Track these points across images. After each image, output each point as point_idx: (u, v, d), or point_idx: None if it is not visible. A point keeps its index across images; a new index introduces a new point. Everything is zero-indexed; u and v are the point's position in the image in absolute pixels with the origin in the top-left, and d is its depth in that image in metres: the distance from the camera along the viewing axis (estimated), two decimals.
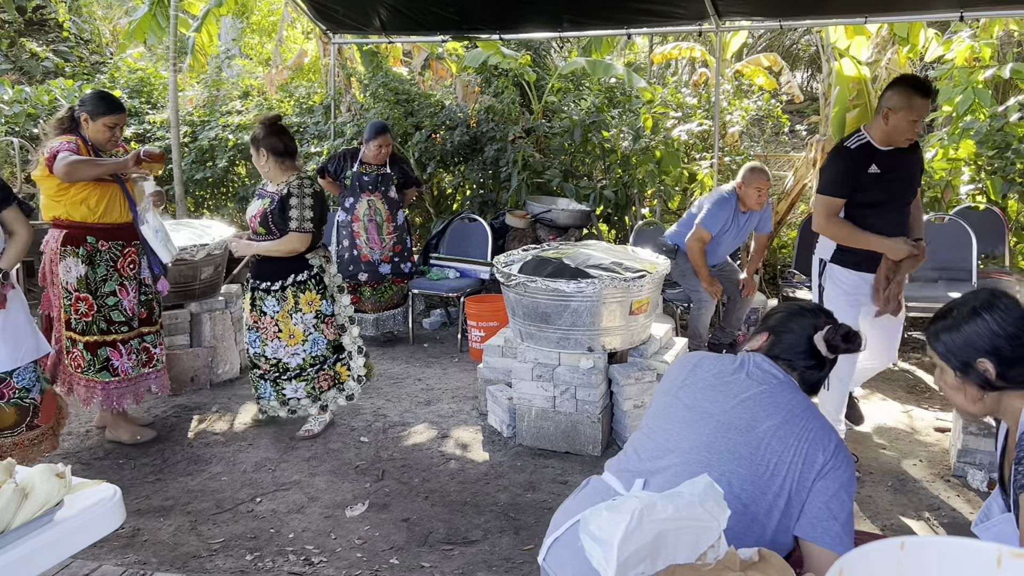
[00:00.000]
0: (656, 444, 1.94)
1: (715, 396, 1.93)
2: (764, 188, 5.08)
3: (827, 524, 1.76)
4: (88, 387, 4.08)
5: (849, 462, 1.83)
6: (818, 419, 1.87)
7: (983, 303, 1.89)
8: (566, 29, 6.59)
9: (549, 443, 4.14)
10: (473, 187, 7.65)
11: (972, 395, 1.91)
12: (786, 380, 1.93)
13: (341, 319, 4.31)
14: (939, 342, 1.93)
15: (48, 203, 3.94)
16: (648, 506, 1.49)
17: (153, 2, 7.47)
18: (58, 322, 4.04)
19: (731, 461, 1.81)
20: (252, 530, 3.37)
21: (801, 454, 1.79)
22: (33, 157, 4.04)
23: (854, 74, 6.99)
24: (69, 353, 4.06)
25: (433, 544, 3.25)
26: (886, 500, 3.59)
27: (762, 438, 1.82)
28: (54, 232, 3.98)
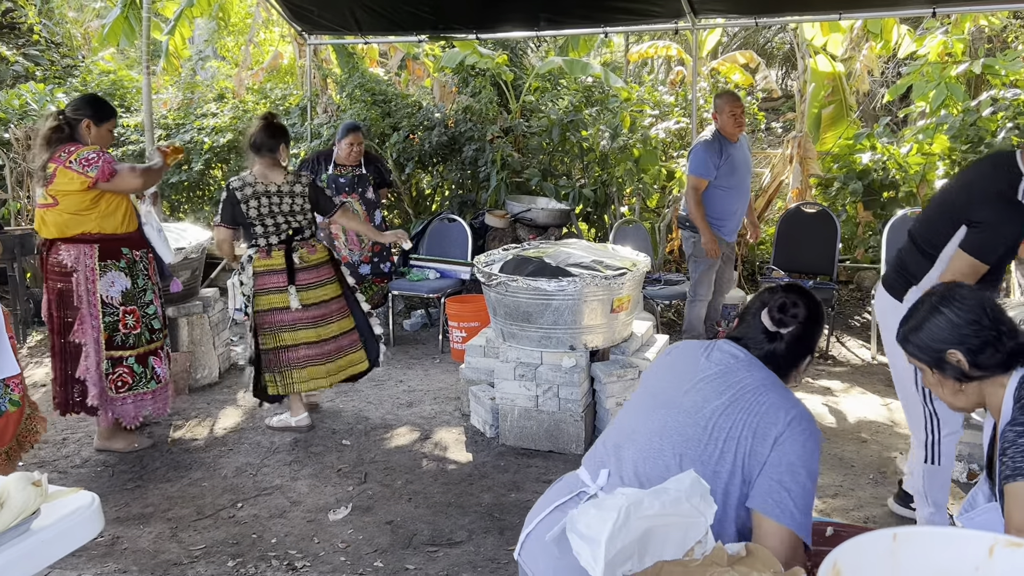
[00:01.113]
0: (619, 433, 1.96)
1: (675, 381, 1.93)
2: (739, 110, 5.02)
3: (777, 495, 1.70)
4: (136, 402, 3.99)
5: (809, 435, 1.77)
6: (773, 392, 1.82)
7: (940, 298, 1.96)
8: (543, 28, 6.59)
9: (532, 442, 4.13)
10: (452, 187, 7.63)
11: (952, 388, 1.94)
12: (746, 359, 1.91)
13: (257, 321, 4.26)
14: (909, 343, 1.99)
15: (72, 219, 3.74)
16: (635, 503, 1.48)
17: (125, 5, 7.39)
18: (95, 344, 3.84)
19: (681, 444, 1.79)
20: (234, 536, 3.33)
21: (751, 429, 1.76)
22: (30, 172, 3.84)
23: (829, 71, 7.05)
24: (112, 374, 3.89)
25: (417, 546, 3.24)
26: (868, 493, 3.61)
27: (710, 417, 1.80)
28: (84, 248, 3.78)
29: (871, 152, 6.64)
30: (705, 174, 4.97)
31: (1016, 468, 1.72)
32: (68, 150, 3.68)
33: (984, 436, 2.07)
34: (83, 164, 3.64)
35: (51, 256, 3.83)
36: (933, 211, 3.08)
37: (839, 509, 3.48)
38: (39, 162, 3.71)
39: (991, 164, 3.00)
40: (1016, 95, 6.06)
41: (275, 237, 4.20)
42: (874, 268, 6.61)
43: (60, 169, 3.65)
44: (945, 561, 1.21)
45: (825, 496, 3.60)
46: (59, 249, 3.79)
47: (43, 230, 3.83)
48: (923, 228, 3.06)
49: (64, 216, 3.74)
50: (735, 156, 5.06)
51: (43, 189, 3.73)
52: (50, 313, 3.89)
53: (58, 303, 3.85)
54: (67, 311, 3.84)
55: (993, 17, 7.33)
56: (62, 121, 3.76)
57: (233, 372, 5.43)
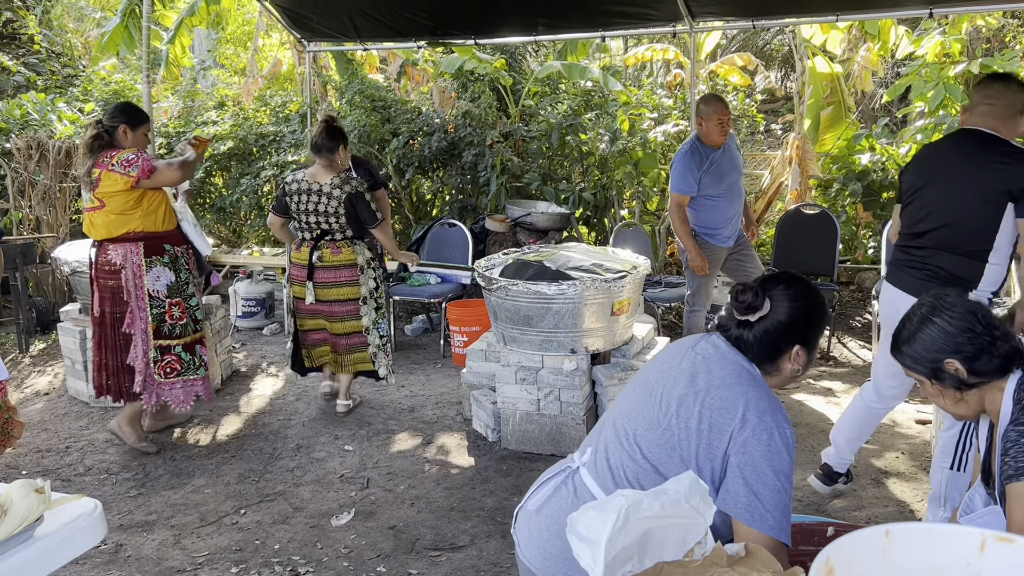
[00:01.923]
0: (605, 417, 2.01)
1: (659, 370, 1.95)
2: (727, 116, 4.73)
3: (746, 500, 1.67)
4: (185, 388, 4.23)
5: (771, 432, 1.71)
6: (736, 387, 1.77)
7: (930, 308, 1.96)
8: (540, 33, 6.58)
9: (534, 446, 4.14)
10: (452, 192, 7.65)
11: (953, 397, 1.94)
12: (726, 350, 1.89)
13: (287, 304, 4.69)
14: (904, 356, 1.98)
15: (118, 219, 3.97)
16: (634, 504, 1.48)
17: (125, 13, 7.41)
18: (143, 335, 4.09)
19: (644, 426, 1.82)
20: (237, 542, 3.34)
21: (705, 422, 1.75)
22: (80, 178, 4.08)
23: (827, 72, 7.06)
24: (159, 362, 4.14)
25: (420, 551, 3.24)
26: (870, 493, 3.62)
27: (670, 404, 1.81)
28: (130, 247, 4.01)
29: (870, 153, 6.65)
30: (687, 190, 4.71)
31: (1018, 468, 1.72)
32: (109, 155, 3.93)
33: (980, 440, 2.07)
34: (124, 165, 3.89)
35: (100, 256, 4.08)
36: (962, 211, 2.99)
37: (841, 509, 3.48)
38: (84, 169, 3.96)
39: (980, 144, 3.01)
40: None
41: (307, 233, 4.54)
42: (874, 269, 6.61)
43: (104, 173, 3.91)
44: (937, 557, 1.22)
45: (827, 497, 3.60)
46: (107, 249, 4.04)
47: (92, 232, 4.07)
48: (957, 232, 3.00)
49: (111, 217, 3.98)
50: (721, 162, 4.78)
51: (90, 193, 3.98)
52: (101, 310, 4.12)
53: (111, 300, 4.09)
54: (118, 307, 4.08)
55: (990, 17, 7.34)
56: (101, 129, 4.00)
57: (235, 379, 5.44)
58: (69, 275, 5.03)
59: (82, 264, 4.83)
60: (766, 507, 1.68)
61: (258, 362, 5.78)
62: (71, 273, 4.95)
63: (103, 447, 4.34)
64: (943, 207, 3.05)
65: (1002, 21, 7.70)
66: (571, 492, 1.90)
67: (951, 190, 3.03)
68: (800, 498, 3.57)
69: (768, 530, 1.67)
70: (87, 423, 4.69)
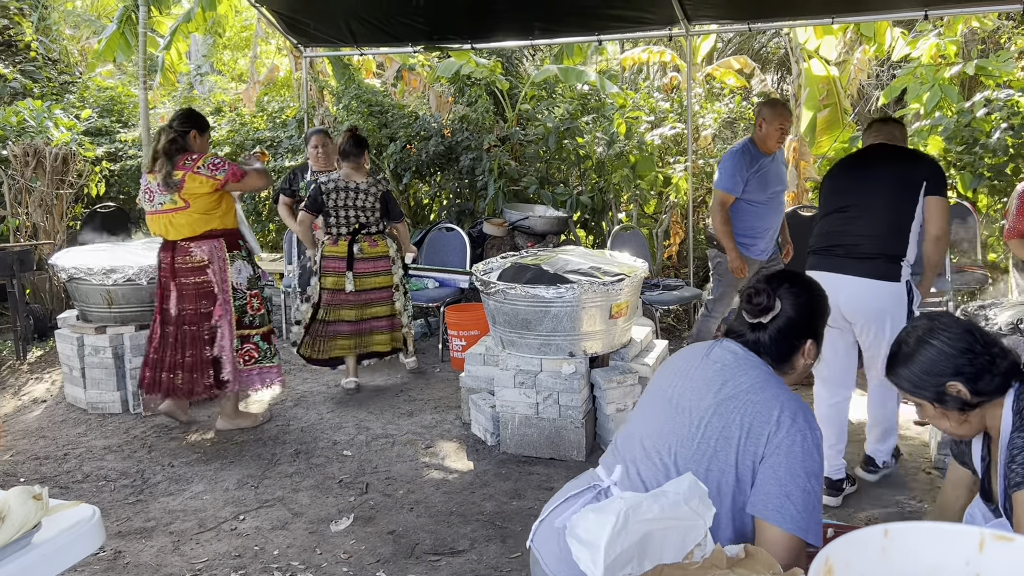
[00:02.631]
0: (626, 434, 1.98)
1: (677, 381, 1.94)
2: (787, 124, 4.55)
3: (777, 501, 1.69)
4: (261, 375, 4.54)
5: (805, 433, 1.74)
6: (767, 390, 1.80)
7: (926, 330, 1.92)
8: (537, 37, 6.61)
9: (533, 450, 4.13)
10: (449, 196, 7.65)
11: (956, 419, 1.91)
12: (744, 356, 1.90)
13: (312, 293, 5.14)
14: (904, 380, 1.94)
15: (201, 218, 4.23)
16: (634, 507, 1.49)
17: (122, 20, 7.41)
18: (228, 327, 4.36)
19: (676, 443, 1.80)
20: (236, 548, 3.33)
21: (744, 429, 1.75)
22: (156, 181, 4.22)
23: (823, 75, 7.08)
24: (240, 351, 4.42)
25: (420, 556, 3.23)
26: (870, 495, 3.61)
27: (703, 416, 1.80)
28: (214, 243, 4.29)
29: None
30: (732, 189, 4.50)
31: None
32: (191, 158, 4.17)
33: (975, 457, 2.05)
34: (211, 168, 4.15)
35: (179, 255, 4.28)
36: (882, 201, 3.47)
37: (842, 509, 3.48)
38: (164, 172, 4.14)
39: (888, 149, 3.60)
40: (1009, 96, 6.08)
41: (344, 228, 4.99)
42: None
43: (189, 175, 4.14)
44: (936, 556, 1.22)
45: (836, 507, 3.60)
46: (190, 247, 4.26)
47: (171, 232, 4.27)
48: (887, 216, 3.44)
49: (195, 216, 4.22)
50: (768, 170, 4.59)
51: (170, 195, 4.17)
52: (181, 309, 4.31)
53: (192, 297, 4.31)
54: (203, 301, 4.32)
55: (985, 19, 7.36)
56: (176, 135, 4.21)
57: None
58: (67, 282, 5.02)
59: (80, 271, 4.83)
60: (797, 508, 1.69)
61: None
62: (69, 280, 4.94)
63: (101, 454, 4.33)
64: (865, 202, 3.49)
65: (997, 23, 7.72)
66: None
67: (872, 187, 3.50)
68: None
69: (797, 530, 1.68)
70: (85, 430, 4.68)
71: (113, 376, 4.88)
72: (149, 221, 4.38)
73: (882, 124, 3.84)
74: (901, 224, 3.40)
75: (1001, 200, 6.20)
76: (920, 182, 3.39)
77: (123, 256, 5.05)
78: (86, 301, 4.93)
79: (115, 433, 4.61)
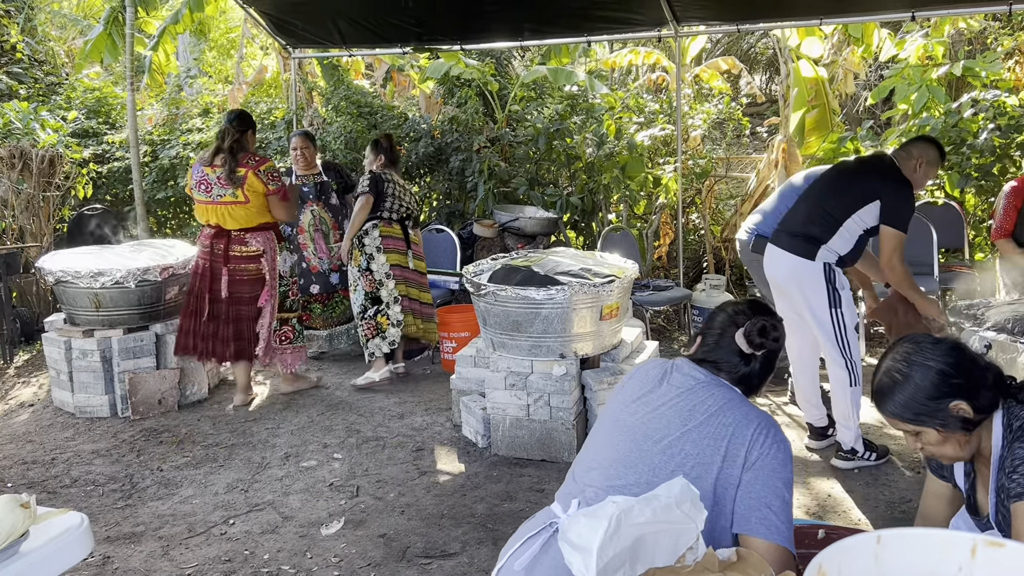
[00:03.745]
0: (585, 463, 1.95)
1: (636, 408, 1.93)
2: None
3: (761, 514, 1.71)
4: (294, 353, 5.10)
5: (778, 446, 1.78)
6: (737, 410, 1.82)
7: (913, 353, 1.84)
8: (527, 38, 6.61)
9: (524, 451, 4.13)
10: (439, 198, 7.64)
11: (960, 441, 1.82)
12: (708, 380, 1.91)
13: (378, 275, 5.25)
14: (904, 411, 1.83)
15: (257, 212, 4.77)
16: (625, 511, 1.48)
17: (109, 21, 7.37)
18: (271, 308, 4.87)
19: (647, 472, 1.78)
20: (226, 553, 3.31)
21: (720, 453, 1.76)
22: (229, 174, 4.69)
23: (812, 76, 7.10)
24: (278, 331, 4.96)
25: (411, 559, 3.22)
26: (860, 495, 3.63)
27: (674, 443, 1.80)
28: (267, 234, 4.83)
29: (855, 155, 6.68)
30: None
31: None
32: (255, 159, 4.74)
33: (957, 473, 2.01)
34: (268, 176, 4.72)
35: (234, 245, 4.78)
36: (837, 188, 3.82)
37: (830, 511, 3.49)
38: (227, 168, 4.63)
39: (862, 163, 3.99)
40: (996, 96, 6.12)
41: (396, 214, 5.29)
42: None
43: (251, 174, 4.67)
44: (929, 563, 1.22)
45: (819, 498, 3.61)
46: (246, 238, 4.78)
47: (228, 222, 4.75)
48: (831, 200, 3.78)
49: (252, 211, 4.74)
50: None
51: (231, 189, 4.66)
52: (232, 291, 4.77)
53: (248, 281, 4.82)
54: (254, 286, 4.84)
55: (972, 20, 7.41)
56: (239, 135, 4.71)
57: (223, 388, 5.40)
58: (54, 285, 4.98)
59: (67, 274, 4.79)
60: (780, 519, 1.72)
61: None
62: (56, 283, 4.90)
63: (89, 458, 4.30)
64: (814, 194, 3.92)
65: (984, 23, 7.77)
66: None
67: (826, 185, 3.91)
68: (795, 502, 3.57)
69: (782, 540, 1.71)
70: (73, 434, 4.64)
71: (101, 380, 4.84)
72: (203, 210, 4.79)
73: (913, 143, 3.87)
74: (829, 215, 3.72)
75: (988, 200, 6.24)
76: (873, 195, 3.67)
77: (111, 259, 5.02)
78: (74, 304, 4.90)
79: (103, 437, 4.58)
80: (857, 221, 3.70)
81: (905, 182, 3.71)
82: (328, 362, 5.90)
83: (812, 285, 3.75)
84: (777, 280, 3.95)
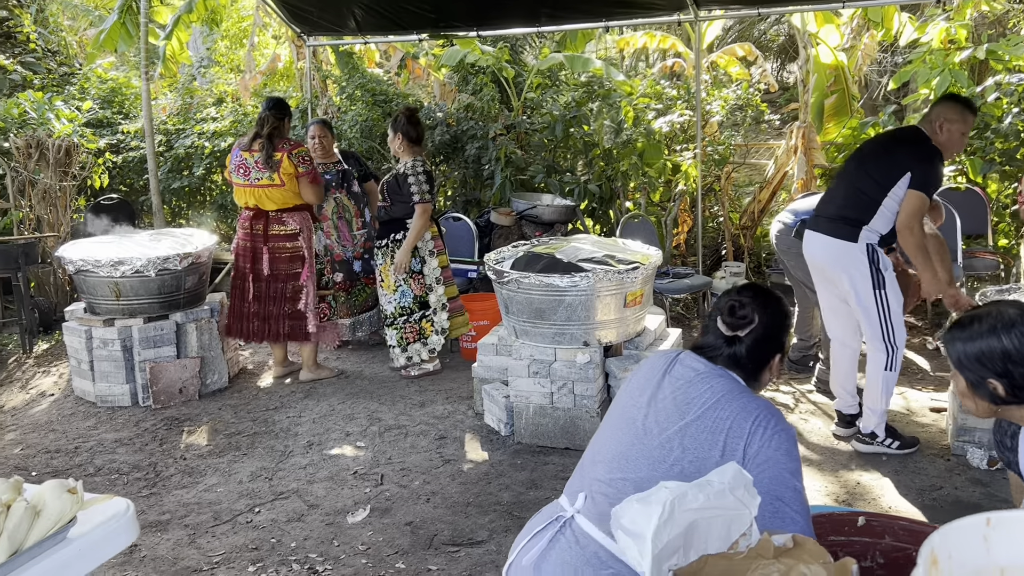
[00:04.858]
0: (591, 455, 1.94)
1: (639, 400, 1.90)
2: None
3: (773, 507, 1.68)
4: (331, 328, 5.39)
5: (780, 435, 1.74)
6: (735, 402, 1.78)
7: (1005, 323, 1.84)
8: (544, 24, 6.55)
9: (548, 440, 4.11)
10: (455, 186, 7.60)
11: (983, 407, 1.90)
12: (708, 371, 1.87)
13: (429, 279, 5.09)
14: (954, 350, 1.91)
15: (293, 194, 4.94)
16: (679, 496, 1.46)
17: (122, 11, 7.35)
18: (312, 285, 5.05)
19: (647, 468, 1.75)
20: (253, 541, 3.31)
21: (718, 448, 1.72)
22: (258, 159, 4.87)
23: (831, 61, 7.03)
24: (318, 308, 5.17)
25: (439, 547, 3.21)
26: (890, 483, 3.59)
27: (673, 438, 1.76)
28: (302, 215, 5.01)
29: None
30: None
31: None
32: (290, 143, 4.91)
33: (1022, 452, 2.00)
34: (299, 159, 4.87)
35: (273, 224, 4.96)
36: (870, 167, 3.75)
37: (859, 498, 3.46)
38: (266, 152, 4.80)
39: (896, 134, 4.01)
40: (1020, 80, 6.03)
41: (433, 210, 5.11)
42: None
43: (285, 157, 4.83)
44: None
45: (847, 486, 3.58)
46: (283, 217, 4.96)
47: (266, 203, 4.94)
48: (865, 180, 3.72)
49: (287, 193, 4.92)
50: None
51: (268, 173, 4.84)
52: (273, 270, 4.97)
53: (288, 259, 5.00)
54: (293, 264, 5.01)
55: (994, 2, 7.30)
56: (277, 122, 4.89)
57: (242, 376, 5.40)
58: (74, 274, 4.98)
59: (87, 263, 4.78)
60: (794, 509, 1.68)
61: (264, 359, 5.74)
62: (76, 272, 4.90)
63: (112, 447, 4.30)
64: (848, 174, 3.85)
65: (1007, 6, 7.67)
66: (572, 541, 1.82)
67: (859, 163, 3.83)
68: (823, 489, 3.55)
69: (799, 530, 1.67)
70: (95, 423, 4.65)
71: (122, 369, 4.84)
72: (241, 193, 4.99)
73: (932, 107, 3.78)
74: (865, 195, 3.69)
75: (1012, 185, 6.17)
76: (902, 169, 3.59)
77: (130, 248, 5.01)
78: (94, 294, 4.89)
79: (125, 426, 4.58)
80: (894, 198, 3.62)
81: (932, 150, 3.62)
82: (348, 351, 5.88)
83: (856, 268, 3.69)
84: (820, 265, 3.90)
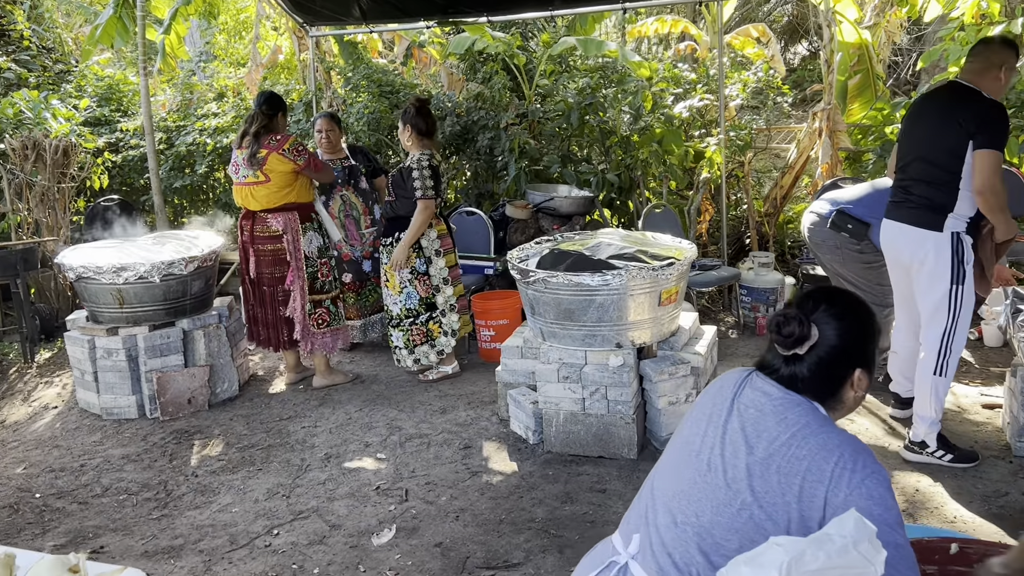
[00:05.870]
0: (650, 492, 1.70)
1: (706, 429, 1.65)
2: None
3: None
4: (333, 336, 4.93)
5: (872, 481, 1.46)
6: (812, 439, 1.52)
7: None
8: (557, 7, 6.27)
9: (580, 448, 3.87)
10: (468, 178, 7.35)
11: None
12: (781, 397, 1.61)
13: (436, 280, 4.86)
14: None
15: (279, 192, 4.66)
16: (796, 558, 1.22)
17: (118, 5, 7.08)
18: (301, 291, 4.75)
19: (711, 511, 1.53)
20: (273, 567, 3.08)
21: (794, 492, 1.47)
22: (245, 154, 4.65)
23: (854, 39, 6.76)
24: (313, 315, 4.83)
25: (472, 570, 2.99)
26: (951, 489, 3.35)
27: (741, 479, 1.52)
28: (288, 215, 4.69)
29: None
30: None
31: None
32: (276, 139, 4.60)
33: None
34: (294, 153, 4.61)
35: (258, 225, 4.71)
36: (932, 148, 3.48)
37: (920, 507, 3.23)
38: (251, 150, 4.58)
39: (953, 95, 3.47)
40: None
41: (441, 206, 4.92)
42: None
43: (272, 155, 4.58)
44: None
45: (906, 493, 3.34)
46: (267, 218, 4.69)
47: (251, 204, 4.70)
48: (929, 166, 3.47)
49: (273, 190, 4.65)
50: None
51: (253, 170, 4.60)
52: (258, 272, 4.76)
53: (271, 262, 4.74)
54: (277, 267, 4.74)
55: None
56: (267, 118, 4.63)
57: (253, 383, 5.17)
58: (75, 281, 4.74)
59: (88, 269, 4.55)
60: (899, 553, 1.41)
61: (275, 364, 5.52)
62: (77, 279, 4.66)
63: (120, 464, 4.08)
64: (918, 147, 3.54)
65: None
66: None
67: (925, 132, 3.52)
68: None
69: None
70: (101, 438, 4.42)
71: (128, 379, 4.61)
72: (235, 191, 4.81)
73: (981, 52, 3.45)
74: (943, 172, 3.42)
75: None
76: (965, 129, 3.33)
77: (133, 253, 4.78)
78: (96, 301, 4.66)
79: (132, 440, 4.36)
80: (970, 173, 3.33)
81: (991, 104, 3.32)
82: (361, 353, 5.65)
83: (938, 259, 3.43)
84: (898, 257, 3.65)
